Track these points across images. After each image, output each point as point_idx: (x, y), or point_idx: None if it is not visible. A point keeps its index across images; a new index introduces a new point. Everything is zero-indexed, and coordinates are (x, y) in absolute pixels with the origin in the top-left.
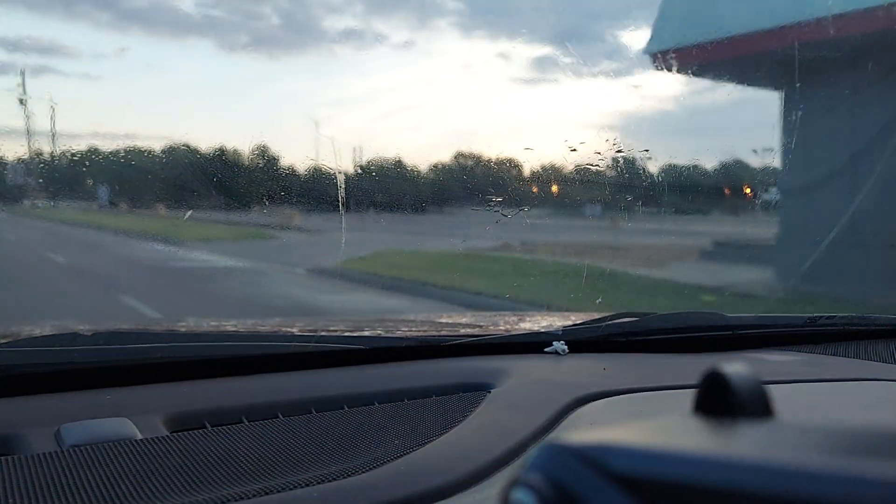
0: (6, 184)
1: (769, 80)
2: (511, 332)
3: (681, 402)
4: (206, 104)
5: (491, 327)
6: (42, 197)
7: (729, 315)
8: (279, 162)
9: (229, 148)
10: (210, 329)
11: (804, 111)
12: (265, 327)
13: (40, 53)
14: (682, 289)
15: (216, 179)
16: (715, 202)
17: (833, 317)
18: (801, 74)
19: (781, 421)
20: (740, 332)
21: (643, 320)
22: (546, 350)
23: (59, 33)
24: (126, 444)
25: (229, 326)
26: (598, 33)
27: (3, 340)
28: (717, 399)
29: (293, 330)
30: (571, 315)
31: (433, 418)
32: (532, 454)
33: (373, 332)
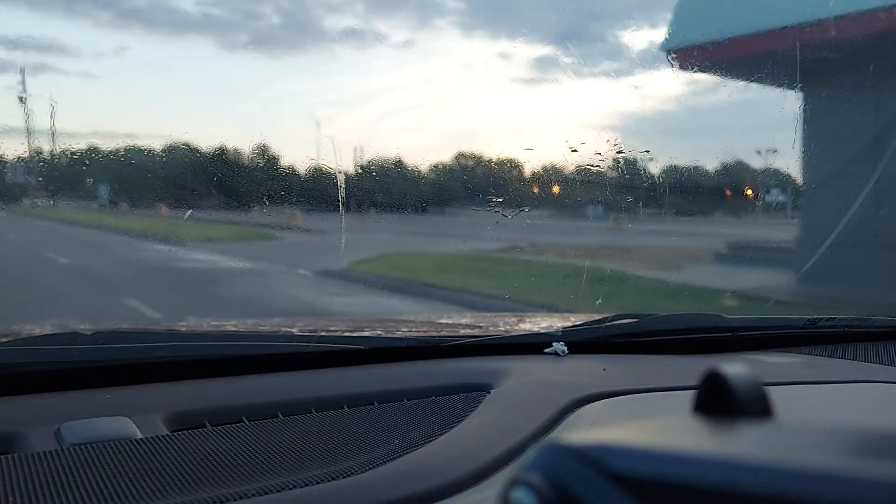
0: (6, 182)
1: (790, 79)
2: (511, 333)
3: (681, 402)
4: (206, 104)
5: (491, 328)
6: (42, 196)
7: (728, 317)
8: (280, 162)
9: (230, 148)
10: (210, 329)
11: (826, 110)
12: (265, 327)
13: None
14: (701, 292)
15: (217, 179)
16: (721, 203)
17: (832, 318)
18: (824, 72)
19: (781, 422)
20: (740, 333)
21: (643, 321)
22: (546, 351)
23: (59, 32)
24: (126, 443)
25: (229, 326)
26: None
27: (3, 339)
28: (716, 400)
29: (293, 330)
30: (571, 316)
31: (433, 418)
32: (532, 454)
33: (373, 333)
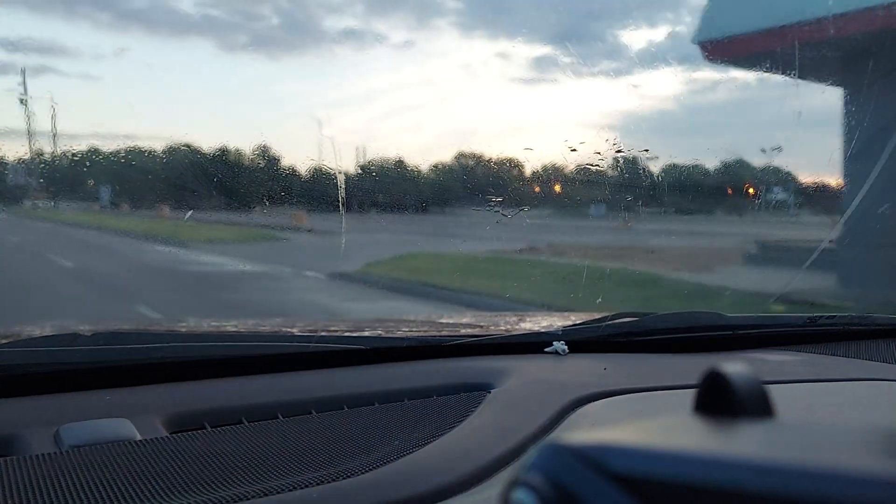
0: (7, 184)
1: (829, 74)
2: (511, 333)
3: (681, 401)
4: (206, 105)
5: (491, 327)
6: (43, 197)
7: (729, 315)
8: (281, 163)
9: (231, 148)
10: (210, 329)
11: (871, 106)
12: (265, 327)
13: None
14: (740, 296)
15: (219, 180)
16: (732, 202)
17: (833, 317)
18: (863, 67)
19: (782, 421)
20: (740, 332)
21: (643, 320)
22: (546, 350)
23: (59, 34)
24: (125, 445)
25: (229, 327)
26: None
27: (3, 340)
28: (717, 399)
29: (293, 330)
30: (571, 315)
31: (433, 418)
32: (532, 454)
33: (373, 333)
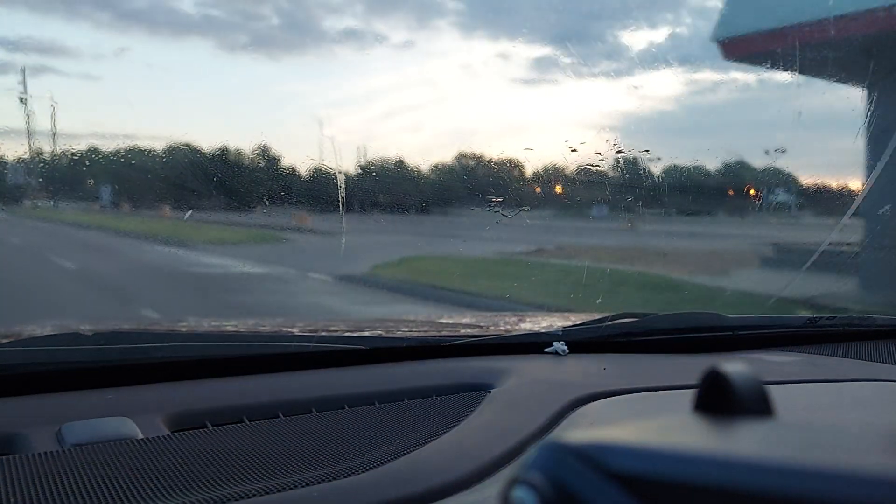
0: (7, 184)
1: (854, 72)
2: (511, 333)
3: (681, 401)
4: (207, 104)
5: (491, 328)
6: (43, 197)
7: (729, 315)
8: (283, 163)
9: (232, 148)
10: (211, 329)
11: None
12: (266, 327)
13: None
14: (763, 299)
15: (220, 180)
16: (735, 204)
17: (833, 317)
18: (889, 66)
19: (781, 420)
20: (740, 332)
21: (643, 321)
22: (546, 350)
23: (59, 33)
24: (127, 444)
25: (230, 326)
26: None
27: (4, 340)
28: (717, 398)
29: (294, 330)
30: (571, 315)
31: (433, 418)
32: (532, 453)
33: (373, 333)
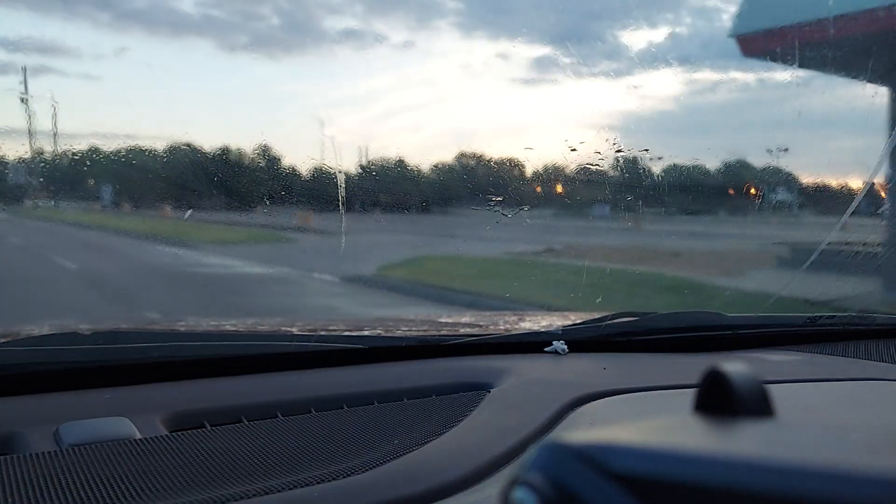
0: (7, 184)
1: (874, 71)
2: (511, 332)
3: (681, 401)
4: (207, 104)
5: (491, 327)
6: (44, 197)
7: (729, 315)
8: (285, 162)
9: (233, 148)
10: (209, 328)
11: None
12: (265, 327)
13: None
14: (789, 303)
15: (222, 180)
16: (751, 204)
17: (833, 316)
18: None
19: (782, 420)
20: (740, 331)
21: (643, 320)
22: (546, 350)
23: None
24: (125, 444)
25: (229, 326)
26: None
27: (2, 340)
28: (717, 398)
29: (293, 329)
30: (571, 315)
31: (433, 418)
32: (532, 453)
33: (372, 332)
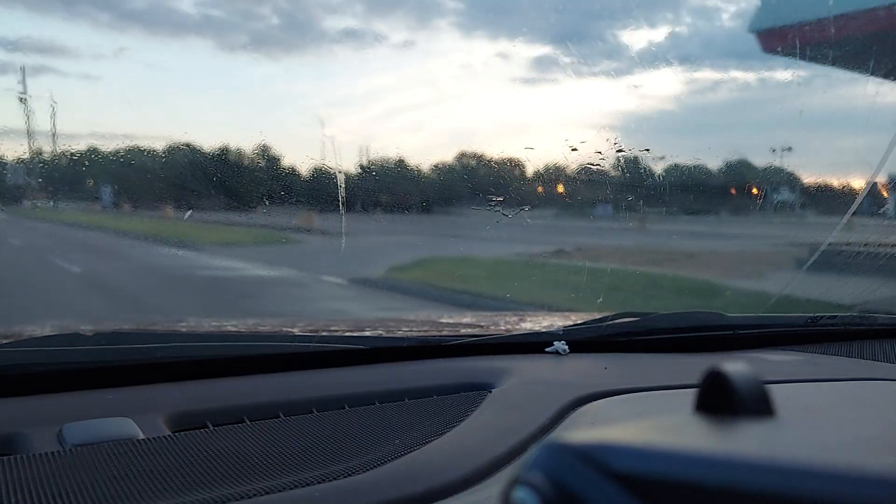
0: (6, 184)
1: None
2: (512, 332)
3: (682, 401)
4: (207, 104)
5: (492, 327)
6: (43, 198)
7: (729, 315)
8: (286, 163)
9: (234, 148)
10: (211, 329)
11: None
12: (266, 327)
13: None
14: (821, 307)
15: (224, 180)
16: (759, 204)
17: (834, 317)
18: None
19: (782, 420)
20: (741, 331)
21: (644, 320)
22: (547, 350)
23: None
24: (128, 444)
25: (230, 326)
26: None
27: (5, 340)
28: (718, 398)
29: (294, 330)
30: (572, 315)
31: (434, 418)
32: (533, 453)
33: (374, 332)
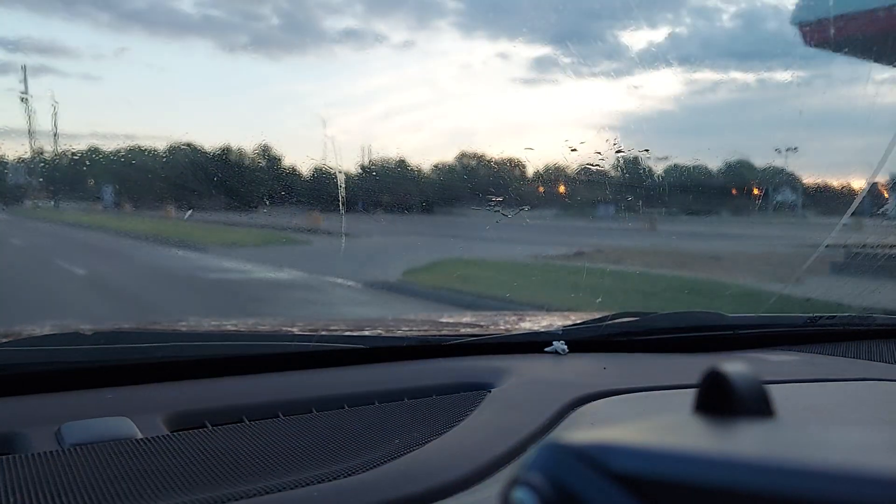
0: (7, 184)
1: None
2: (511, 332)
3: (681, 401)
4: (207, 104)
5: (491, 327)
6: (44, 197)
7: (729, 315)
8: (287, 163)
9: (235, 148)
10: (211, 328)
11: None
12: (266, 327)
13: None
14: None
15: (226, 180)
16: (766, 205)
17: (834, 317)
18: None
19: (782, 420)
20: (741, 331)
21: (643, 320)
22: (546, 350)
23: (59, 33)
24: (127, 444)
25: (230, 326)
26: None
27: (4, 340)
28: (717, 398)
29: (294, 329)
30: (571, 315)
31: (433, 418)
32: (532, 453)
33: (373, 332)
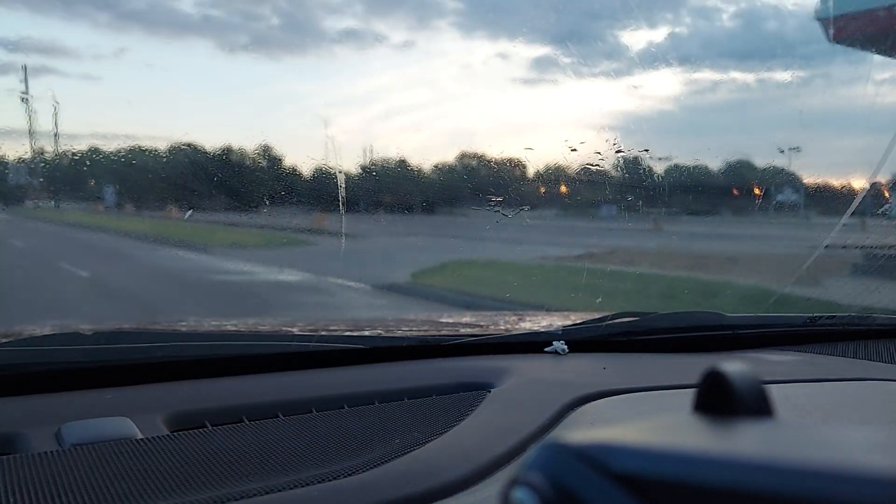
0: (8, 184)
1: None
2: (511, 332)
3: (681, 401)
4: (207, 104)
5: (491, 327)
6: (45, 197)
7: (729, 315)
8: (288, 163)
9: (236, 148)
10: (211, 329)
11: None
12: (266, 327)
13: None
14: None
15: (228, 180)
16: (774, 205)
17: (833, 316)
18: None
19: (781, 420)
20: (740, 331)
21: (643, 320)
22: (546, 350)
23: (59, 33)
24: (126, 444)
25: (230, 326)
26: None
27: (4, 340)
28: (717, 398)
29: (293, 330)
30: (571, 315)
31: (433, 418)
32: (532, 453)
33: (373, 332)
